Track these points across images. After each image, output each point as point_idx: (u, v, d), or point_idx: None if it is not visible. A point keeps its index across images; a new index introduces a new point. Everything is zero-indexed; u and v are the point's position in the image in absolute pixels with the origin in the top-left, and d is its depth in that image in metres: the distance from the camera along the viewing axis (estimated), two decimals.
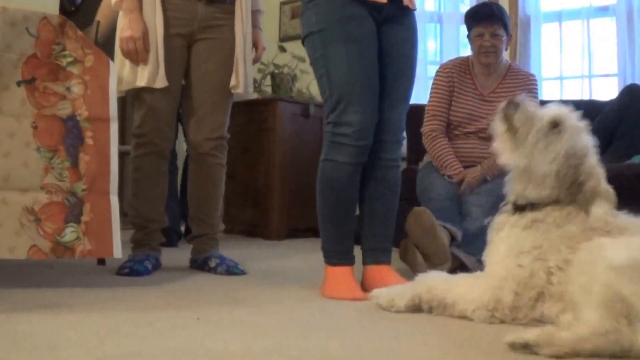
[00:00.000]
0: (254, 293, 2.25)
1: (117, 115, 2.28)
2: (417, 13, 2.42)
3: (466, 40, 3.20)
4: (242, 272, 2.67)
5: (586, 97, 4.06)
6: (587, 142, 1.85)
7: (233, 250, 3.60)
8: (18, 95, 2.16)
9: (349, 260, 2.29)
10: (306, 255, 3.46)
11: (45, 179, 2.17)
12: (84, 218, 2.20)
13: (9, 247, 2.10)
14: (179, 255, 3.15)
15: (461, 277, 1.94)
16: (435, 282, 1.94)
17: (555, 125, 1.83)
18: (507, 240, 1.86)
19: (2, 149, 2.13)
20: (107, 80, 2.26)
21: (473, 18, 3.10)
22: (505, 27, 3.07)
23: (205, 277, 2.60)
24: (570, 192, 1.81)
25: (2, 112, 2.14)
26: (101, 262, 2.85)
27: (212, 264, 2.71)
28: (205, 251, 2.78)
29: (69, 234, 2.18)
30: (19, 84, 2.17)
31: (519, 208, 1.88)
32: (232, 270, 2.67)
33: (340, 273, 2.25)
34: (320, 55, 2.24)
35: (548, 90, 4.22)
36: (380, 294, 2.01)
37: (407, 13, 2.36)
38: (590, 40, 4.09)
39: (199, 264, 2.78)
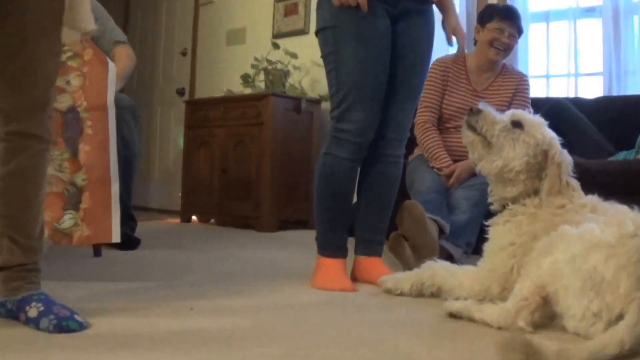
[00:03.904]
0: (247, 284, 2.27)
1: (114, 103, 2.27)
2: None
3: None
4: (80, 326, 1.57)
5: (572, 95, 4.10)
6: (550, 134, 1.98)
7: (225, 242, 3.66)
8: None
9: (341, 253, 2.32)
10: (297, 247, 3.48)
11: None
12: (83, 205, 2.20)
13: None
14: (170, 251, 3.14)
15: (460, 268, 2.05)
16: (438, 269, 2.07)
17: (517, 123, 1.96)
18: (493, 237, 1.98)
19: None
20: (105, 70, 2.27)
21: (501, 12, 3.15)
22: (520, 34, 3.20)
23: (197, 272, 2.54)
24: (539, 181, 1.95)
25: None
26: (97, 254, 2.85)
27: (32, 312, 1.60)
28: (20, 290, 1.66)
29: (67, 220, 2.19)
30: None
31: (502, 208, 2.01)
32: (65, 325, 1.56)
33: (332, 265, 2.28)
34: (330, 51, 2.24)
35: (534, 88, 4.27)
36: (387, 278, 2.16)
37: (425, 7, 2.33)
38: (576, 39, 4.13)
39: (10, 311, 1.66)
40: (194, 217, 5.12)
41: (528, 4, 4.27)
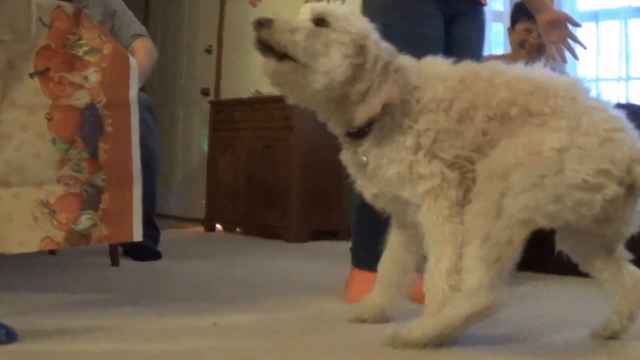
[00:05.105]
0: (274, 298, 2.23)
1: (137, 99, 2.19)
2: None
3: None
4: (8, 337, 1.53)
5: (623, 100, 3.94)
6: (362, 23, 1.63)
7: (251, 253, 3.63)
8: (31, 87, 2.08)
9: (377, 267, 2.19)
10: (328, 259, 3.41)
11: (62, 171, 2.08)
12: (102, 205, 2.12)
13: (19, 242, 2.02)
14: (192, 262, 3.05)
15: None
16: None
17: (319, 21, 1.59)
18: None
19: (15, 142, 2.04)
20: (127, 64, 2.20)
21: (526, 12, 3.03)
22: None
23: (222, 284, 2.51)
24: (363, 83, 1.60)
25: (14, 104, 2.05)
26: (115, 263, 2.84)
27: None
28: None
29: (85, 221, 2.09)
30: (32, 75, 2.09)
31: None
32: None
33: (367, 277, 2.16)
34: None
35: None
36: None
37: (478, 9, 2.31)
38: (628, 41, 4.02)
39: None
40: (218, 226, 5.04)
41: (577, 3, 4.21)
